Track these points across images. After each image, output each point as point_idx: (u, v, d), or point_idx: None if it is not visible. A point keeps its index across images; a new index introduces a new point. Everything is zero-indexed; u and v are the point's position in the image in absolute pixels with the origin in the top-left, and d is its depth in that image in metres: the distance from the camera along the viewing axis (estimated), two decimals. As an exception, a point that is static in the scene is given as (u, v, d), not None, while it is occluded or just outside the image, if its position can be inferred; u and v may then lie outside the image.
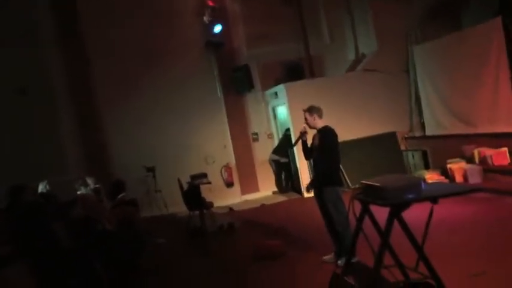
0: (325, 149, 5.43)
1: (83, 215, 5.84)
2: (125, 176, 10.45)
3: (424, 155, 10.00)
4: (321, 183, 5.52)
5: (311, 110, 5.59)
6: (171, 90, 10.95)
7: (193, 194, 8.33)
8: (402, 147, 10.71)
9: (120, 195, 6.59)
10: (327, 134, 5.49)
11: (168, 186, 9.81)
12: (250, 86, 11.34)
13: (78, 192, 7.80)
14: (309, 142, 5.78)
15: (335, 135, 5.49)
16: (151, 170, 10.31)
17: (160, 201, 10.25)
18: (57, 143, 10.49)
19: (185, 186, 8.63)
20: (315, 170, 5.64)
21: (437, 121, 9.85)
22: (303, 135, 5.64)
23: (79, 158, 10.53)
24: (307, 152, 5.73)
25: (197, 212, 8.30)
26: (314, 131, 5.67)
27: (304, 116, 5.62)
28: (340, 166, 5.75)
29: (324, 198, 5.46)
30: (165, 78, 10.90)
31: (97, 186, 8.19)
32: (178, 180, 8.60)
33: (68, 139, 10.63)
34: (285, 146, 11.13)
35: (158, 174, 10.38)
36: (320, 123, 5.58)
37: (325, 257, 5.51)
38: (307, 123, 5.60)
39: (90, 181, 8.25)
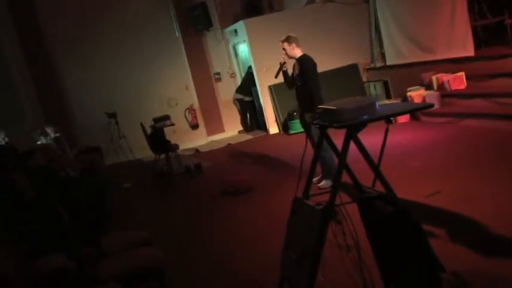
0: (306, 77, 5.51)
1: (44, 164, 5.73)
2: (86, 124, 10.35)
3: (385, 85, 10.12)
4: (303, 110, 5.61)
5: (289, 39, 5.61)
6: (127, 33, 10.59)
7: (157, 138, 8.28)
8: (364, 79, 10.80)
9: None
10: (305, 62, 5.56)
11: (132, 131, 9.68)
12: (209, 25, 11.04)
13: (38, 143, 7.64)
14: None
15: (313, 63, 5.57)
16: (113, 116, 10.12)
17: (125, 148, 10.15)
18: (12, 94, 10.13)
19: (149, 131, 8.54)
20: (298, 97, 5.70)
21: (397, 50, 9.90)
22: (283, 65, 5.69)
23: (36, 108, 10.23)
24: (289, 82, 5.79)
25: (163, 156, 8.29)
26: (293, 61, 5.71)
27: (283, 46, 5.63)
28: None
29: (307, 123, 5.54)
30: (120, 22, 10.52)
31: (57, 135, 8.03)
32: (141, 124, 8.48)
33: (24, 89, 10.26)
34: (248, 84, 11.06)
35: (121, 120, 10.21)
36: (298, 52, 5.63)
37: (314, 179, 5.63)
38: (286, 54, 5.64)
39: (49, 130, 8.08)
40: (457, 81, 8.03)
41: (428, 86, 8.60)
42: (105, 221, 4.59)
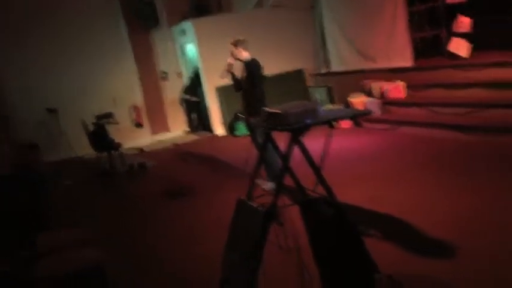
0: (252, 80, 5.59)
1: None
2: (26, 118, 9.92)
3: (329, 90, 10.38)
4: (249, 112, 5.67)
5: (237, 42, 5.69)
6: (72, 27, 10.30)
7: (99, 135, 8.07)
8: (309, 84, 11.03)
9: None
10: (252, 65, 5.64)
11: (74, 128, 9.38)
12: (156, 21, 10.91)
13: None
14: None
15: (260, 66, 5.66)
16: (54, 112, 9.77)
17: (66, 144, 9.82)
18: None
19: (91, 128, 8.31)
20: (244, 100, 5.75)
21: (341, 57, 10.19)
22: (230, 67, 5.75)
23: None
24: (236, 84, 5.84)
25: (105, 154, 8.09)
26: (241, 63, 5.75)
27: (230, 49, 5.69)
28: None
29: (252, 126, 5.59)
30: (66, 16, 10.22)
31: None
32: (82, 121, 8.24)
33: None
34: (195, 84, 11.00)
35: (62, 116, 9.89)
36: (246, 55, 5.70)
37: (258, 181, 5.67)
38: (234, 56, 5.70)
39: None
40: (396, 90, 8.38)
41: (370, 93, 8.91)
42: (42, 220, 4.43)
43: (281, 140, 2.81)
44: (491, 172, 5.13)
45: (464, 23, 7.87)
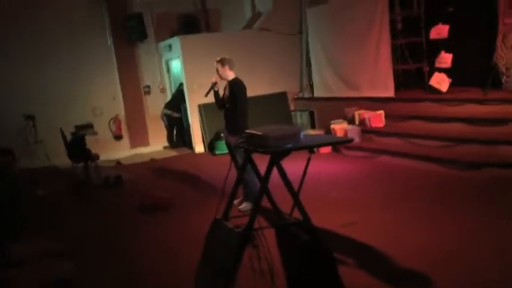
0: (235, 100, 5.60)
1: None
2: (3, 124, 9.73)
3: (311, 115, 10.48)
4: (230, 131, 5.68)
5: (223, 61, 5.71)
6: (58, 36, 10.29)
7: (77, 145, 7.96)
8: (292, 107, 11.12)
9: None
10: (236, 85, 5.66)
11: (51, 136, 9.26)
12: (143, 36, 10.92)
13: None
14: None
15: (244, 87, 5.69)
16: (30, 118, 9.62)
17: (42, 152, 9.65)
18: None
19: (69, 138, 8.19)
20: (226, 119, 5.75)
21: (325, 83, 10.32)
22: (214, 85, 5.78)
23: None
24: (219, 102, 5.85)
25: (82, 164, 7.98)
26: (225, 82, 5.80)
27: (216, 67, 5.72)
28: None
29: (232, 146, 5.57)
30: (52, 24, 10.19)
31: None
32: (61, 130, 8.12)
33: None
34: (178, 100, 10.99)
35: (39, 123, 9.76)
36: (231, 75, 5.73)
37: (235, 201, 5.64)
38: (219, 74, 5.71)
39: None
40: (377, 119, 8.51)
41: (351, 121, 9.02)
42: (15, 229, 4.31)
43: (261, 161, 2.81)
44: (465, 205, 5.20)
45: (446, 58, 8.07)
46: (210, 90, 5.81)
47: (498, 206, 5.11)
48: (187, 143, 10.99)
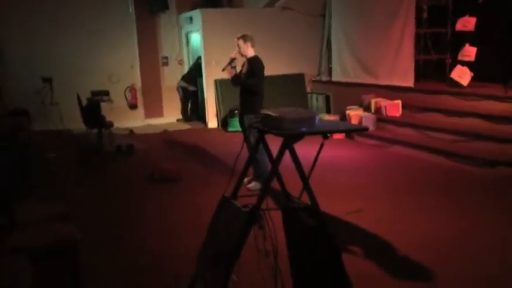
0: (252, 77, 5.55)
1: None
2: (19, 84, 9.81)
3: (327, 99, 10.40)
4: (244, 110, 5.65)
5: (246, 37, 5.64)
6: (78, 2, 10.22)
7: (92, 111, 7.99)
8: (308, 90, 11.04)
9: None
10: (255, 63, 5.61)
11: (67, 100, 9.30)
12: (165, 7, 10.85)
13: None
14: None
15: (262, 66, 5.63)
16: (48, 81, 9.67)
17: (56, 115, 9.73)
18: None
19: (85, 103, 8.23)
20: (241, 97, 5.72)
21: (344, 68, 10.21)
22: (232, 61, 5.71)
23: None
24: (235, 79, 5.79)
25: (95, 130, 8.03)
26: (243, 60, 5.76)
27: (238, 43, 5.64)
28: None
29: (245, 125, 5.56)
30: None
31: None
32: (78, 95, 8.16)
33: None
34: (195, 74, 10.96)
35: (56, 87, 9.80)
36: (251, 52, 5.68)
37: (244, 180, 5.66)
38: (240, 51, 5.65)
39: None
40: (394, 108, 8.41)
41: (367, 108, 8.93)
42: (23, 190, 4.37)
43: (273, 142, 2.79)
44: (471, 200, 5.18)
45: (470, 52, 7.90)
46: (227, 66, 5.77)
47: (504, 203, 5.10)
48: (201, 117, 11.00)
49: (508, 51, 7.71)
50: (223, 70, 5.86)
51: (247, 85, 5.58)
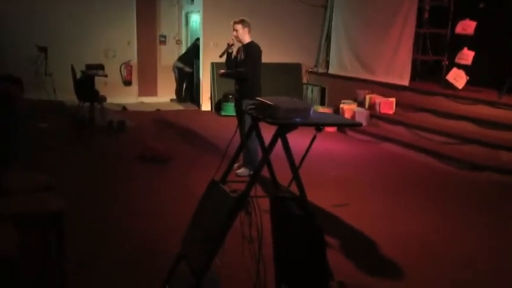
0: (249, 63, 5.54)
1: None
2: (13, 51, 9.68)
3: (322, 91, 10.41)
4: (241, 95, 5.63)
5: (244, 22, 5.62)
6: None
7: (86, 84, 7.94)
8: (304, 80, 11.04)
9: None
10: (252, 48, 5.61)
11: (60, 71, 9.22)
12: (167, -15, 10.74)
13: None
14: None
15: (260, 51, 5.64)
16: (43, 50, 9.56)
17: (50, 86, 9.64)
18: None
19: (79, 75, 8.16)
20: (237, 82, 5.71)
21: (341, 62, 10.21)
22: (229, 47, 5.70)
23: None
24: (231, 65, 5.77)
25: (88, 104, 7.98)
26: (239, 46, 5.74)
27: (235, 27, 5.62)
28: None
29: (242, 110, 5.56)
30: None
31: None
32: (72, 67, 8.09)
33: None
34: (192, 55, 10.90)
35: (51, 57, 9.68)
36: (248, 38, 5.67)
37: (235, 165, 5.66)
38: (237, 36, 5.63)
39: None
40: (387, 105, 8.44)
41: (361, 103, 8.96)
42: (8, 158, 4.33)
43: (266, 131, 2.80)
44: (460, 202, 5.24)
45: (467, 55, 7.94)
46: (225, 52, 5.76)
47: (487, 208, 5.17)
48: (195, 99, 10.97)
49: (504, 57, 7.76)
50: (220, 56, 5.83)
51: (239, 74, 5.59)
